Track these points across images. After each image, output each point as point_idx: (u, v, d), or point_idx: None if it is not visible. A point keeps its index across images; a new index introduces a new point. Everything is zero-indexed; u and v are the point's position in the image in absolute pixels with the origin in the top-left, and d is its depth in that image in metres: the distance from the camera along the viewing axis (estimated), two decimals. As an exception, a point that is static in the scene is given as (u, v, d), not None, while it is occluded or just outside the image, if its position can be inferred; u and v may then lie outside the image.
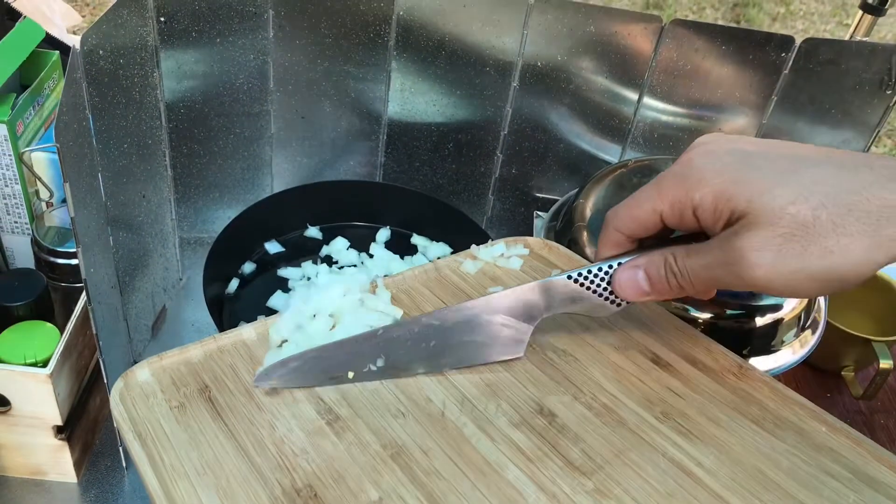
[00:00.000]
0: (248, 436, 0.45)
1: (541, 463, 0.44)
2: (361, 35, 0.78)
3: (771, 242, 0.40)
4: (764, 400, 0.49)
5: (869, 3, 0.80)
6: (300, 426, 0.46)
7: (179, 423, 0.45)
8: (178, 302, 0.83)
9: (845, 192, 0.39)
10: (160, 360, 0.49)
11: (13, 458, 0.64)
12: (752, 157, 0.42)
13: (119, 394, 0.47)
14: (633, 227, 0.47)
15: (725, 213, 0.42)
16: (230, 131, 0.81)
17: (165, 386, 0.48)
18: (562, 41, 0.77)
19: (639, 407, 0.48)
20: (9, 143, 0.67)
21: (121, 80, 0.63)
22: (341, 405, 0.47)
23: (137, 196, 0.71)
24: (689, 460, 0.45)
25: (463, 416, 0.47)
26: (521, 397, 0.48)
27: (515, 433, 0.46)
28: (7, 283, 0.64)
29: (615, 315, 0.50)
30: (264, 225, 0.80)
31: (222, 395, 0.47)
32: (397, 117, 0.84)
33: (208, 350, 0.51)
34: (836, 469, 0.44)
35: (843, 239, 0.39)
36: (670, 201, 0.44)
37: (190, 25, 0.71)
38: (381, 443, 0.45)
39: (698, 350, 0.53)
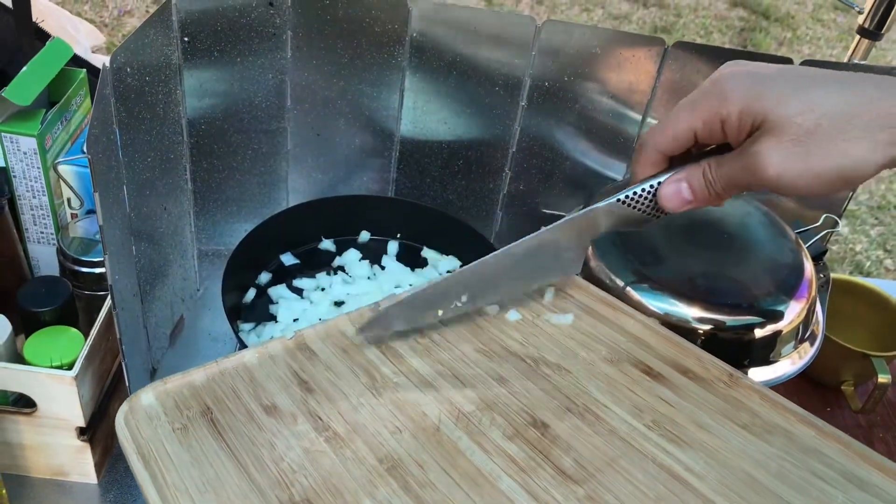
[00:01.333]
0: (249, 454, 0.46)
1: (533, 472, 0.46)
2: (376, 55, 0.81)
3: (781, 146, 0.47)
4: (754, 406, 0.50)
5: (866, 28, 0.82)
6: (299, 444, 0.47)
7: (182, 444, 0.47)
8: (195, 312, 0.85)
9: (845, 104, 0.46)
10: (164, 385, 0.51)
11: (37, 459, 0.67)
12: (769, 77, 0.48)
13: (124, 417, 0.48)
14: (671, 144, 0.52)
15: (747, 124, 0.48)
16: (248, 147, 0.84)
17: (169, 409, 0.49)
18: (568, 62, 0.80)
19: (629, 416, 0.50)
20: (38, 157, 0.70)
21: (146, 97, 0.66)
22: (339, 422, 0.49)
23: (159, 208, 0.73)
24: (679, 466, 0.46)
25: (458, 430, 0.48)
26: (514, 410, 0.50)
27: (509, 445, 0.47)
28: (34, 289, 0.67)
29: (608, 329, 0.55)
30: (280, 237, 0.82)
31: (224, 417, 0.49)
32: (409, 135, 0.87)
33: (210, 373, 0.52)
34: (825, 471, 0.46)
35: (842, 143, 0.46)
36: (703, 118, 0.50)
37: (212, 45, 0.74)
38: (377, 457, 0.46)
39: (689, 360, 0.54)
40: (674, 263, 0.66)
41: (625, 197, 0.54)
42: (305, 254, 0.84)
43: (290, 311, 0.75)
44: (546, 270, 0.58)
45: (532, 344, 0.56)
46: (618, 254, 0.66)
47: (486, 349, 0.56)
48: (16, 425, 0.64)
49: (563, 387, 0.52)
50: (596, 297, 0.61)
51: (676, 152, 0.53)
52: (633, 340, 0.56)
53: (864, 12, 0.82)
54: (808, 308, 0.66)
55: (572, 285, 0.62)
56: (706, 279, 0.65)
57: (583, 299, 0.61)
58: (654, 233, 0.68)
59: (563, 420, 0.49)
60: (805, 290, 0.66)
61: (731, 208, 0.72)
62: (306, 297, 0.78)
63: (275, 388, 0.51)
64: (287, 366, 0.53)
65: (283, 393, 0.51)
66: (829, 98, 0.46)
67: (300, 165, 0.89)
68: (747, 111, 0.48)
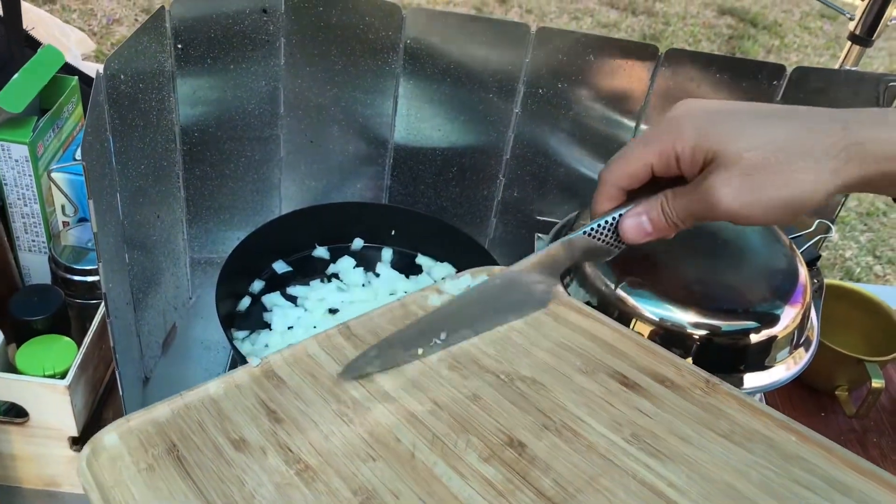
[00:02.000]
0: (218, 493, 0.44)
1: (512, 496, 0.44)
2: (370, 62, 0.81)
3: (733, 179, 0.50)
4: (733, 413, 0.49)
5: (857, 35, 0.83)
6: (270, 479, 0.45)
7: (148, 486, 0.45)
8: (187, 320, 0.85)
9: (792, 138, 0.49)
10: (127, 423, 0.48)
11: (28, 470, 0.66)
12: (721, 114, 0.52)
13: (86, 462, 0.46)
14: (628, 180, 0.55)
15: (699, 159, 0.51)
16: (241, 155, 0.84)
17: (133, 448, 0.47)
18: (562, 69, 0.80)
19: (608, 430, 0.49)
20: (30, 164, 0.69)
21: (139, 104, 0.66)
22: (310, 454, 0.47)
23: (152, 216, 0.73)
24: (661, 481, 0.45)
25: (433, 455, 0.47)
26: (490, 430, 0.49)
27: (486, 468, 0.46)
28: (26, 298, 0.67)
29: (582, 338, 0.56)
30: (273, 245, 0.82)
31: (191, 454, 0.47)
32: (403, 142, 0.87)
33: (175, 407, 0.50)
34: (808, 478, 0.45)
35: (790, 175, 0.49)
36: (658, 153, 0.53)
37: (205, 52, 0.74)
38: (350, 489, 0.45)
39: (665, 368, 0.53)
40: (669, 269, 0.66)
41: (590, 230, 0.57)
42: (299, 261, 0.84)
43: (285, 318, 0.75)
44: (520, 304, 0.59)
45: (505, 359, 0.55)
46: (613, 260, 0.66)
47: (458, 365, 0.54)
48: (7, 435, 0.63)
49: (538, 402, 0.51)
50: (567, 305, 0.60)
51: (633, 187, 0.55)
52: (607, 349, 0.55)
53: (854, 19, 0.82)
54: (802, 313, 0.66)
55: None
56: (701, 285, 0.65)
57: (553, 308, 0.60)
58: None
59: (540, 438, 0.48)
60: (800, 295, 0.66)
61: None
62: (300, 304, 0.78)
63: (243, 421, 0.49)
64: (254, 395, 0.51)
65: (251, 425, 0.49)
66: (776, 133, 0.50)
67: (293, 173, 0.89)
68: (699, 147, 0.51)
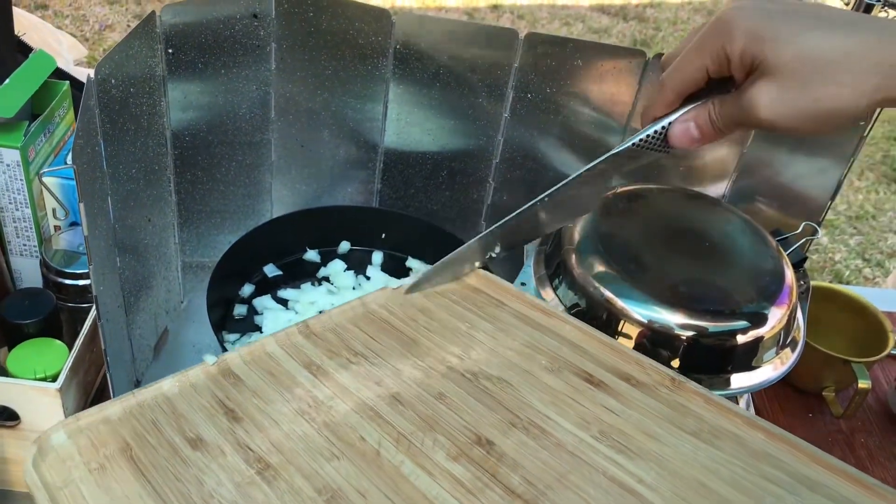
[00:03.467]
0: (174, 493, 0.43)
1: (482, 494, 0.44)
2: (360, 67, 0.81)
3: (772, 88, 0.50)
4: (700, 411, 0.50)
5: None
6: (229, 478, 0.44)
7: (100, 486, 0.43)
8: (179, 324, 0.85)
9: (840, 51, 0.49)
10: (77, 421, 0.47)
11: (19, 473, 0.66)
12: (774, 15, 0.51)
13: (32, 461, 0.44)
14: (686, 85, 0.55)
15: (748, 62, 0.51)
16: (232, 159, 0.84)
17: (83, 448, 0.45)
18: (551, 74, 0.81)
19: (575, 428, 0.48)
20: (21, 169, 0.70)
21: (130, 108, 0.66)
22: (271, 453, 0.46)
23: (143, 220, 0.73)
24: (630, 478, 0.45)
25: (399, 453, 0.46)
26: (457, 428, 0.48)
27: (454, 466, 0.45)
28: (18, 302, 0.67)
29: (546, 337, 0.57)
30: (264, 248, 0.82)
31: (145, 453, 0.45)
32: (393, 146, 0.87)
33: (128, 406, 0.49)
34: (777, 474, 0.45)
35: (832, 87, 0.49)
36: (711, 56, 0.53)
37: (196, 57, 0.75)
38: (314, 488, 0.44)
39: (630, 366, 0.54)
40: (656, 271, 0.66)
41: (639, 141, 0.58)
42: (290, 265, 0.84)
43: (276, 321, 0.76)
44: (568, 214, 0.65)
45: (470, 357, 0.54)
46: (601, 262, 0.66)
47: (423, 365, 0.54)
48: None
49: (504, 400, 0.50)
50: (531, 304, 0.60)
51: (690, 90, 0.56)
52: (571, 348, 0.55)
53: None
54: (788, 314, 0.67)
55: (505, 293, 0.62)
56: (689, 286, 0.66)
57: (518, 307, 0.60)
58: (637, 240, 0.69)
59: (507, 436, 0.48)
60: (786, 296, 0.67)
61: (712, 217, 0.73)
62: (291, 307, 0.78)
63: (199, 419, 0.48)
64: (211, 394, 0.50)
65: (208, 424, 0.48)
66: (825, 42, 0.49)
67: (284, 177, 0.89)
68: (748, 51, 0.50)
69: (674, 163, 0.86)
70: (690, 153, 0.86)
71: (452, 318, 0.59)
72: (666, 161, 0.86)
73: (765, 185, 0.87)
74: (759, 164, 0.85)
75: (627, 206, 0.72)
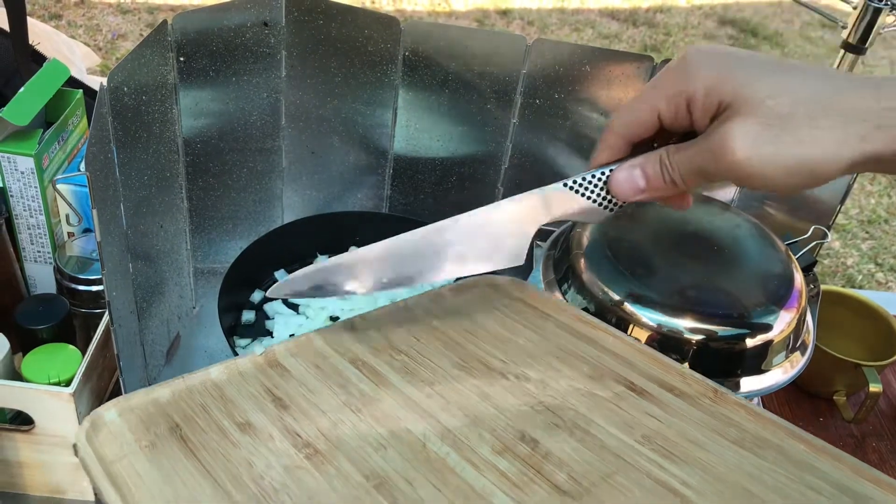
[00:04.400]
0: (225, 472, 0.44)
1: (527, 488, 0.44)
2: (369, 74, 0.82)
3: (750, 129, 0.44)
4: (742, 422, 0.50)
5: (850, 43, 0.84)
6: (278, 461, 0.45)
7: (151, 462, 0.44)
8: (191, 329, 0.86)
9: (821, 93, 0.44)
10: (127, 401, 0.48)
11: (34, 477, 0.67)
12: (741, 58, 0.46)
13: (86, 435, 0.45)
14: (632, 128, 0.49)
15: (714, 104, 0.45)
16: (244, 166, 0.85)
17: (133, 426, 0.46)
18: (559, 80, 0.81)
19: (619, 431, 0.48)
20: (35, 176, 0.70)
21: (143, 116, 0.67)
22: (319, 440, 0.46)
23: (155, 226, 0.74)
24: (675, 480, 0.45)
25: (445, 446, 0.46)
26: (501, 426, 0.48)
27: (499, 460, 0.46)
28: (32, 307, 0.68)
29: (588, 346, 0.54)
30: (275, 254, 0.83)
31: (195, 434, 0.46)
32: (403, 152, 0.88)
33: (176, 390, 0.49)
34: (820, 484, 0.45)
35: (814, 131, 0.43)
36: (667, 96, 0.47)
37: (207, 65, 0.76)
38: (362, 474, 0.44)
39: (672, 376, 0.54)
40: (665, 276, 0.67)
41: (572, 182, 0.52)
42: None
43: (287, 326, 0.76)
44: (486, 257, 0.54)
45: (511, 360, 0.55)
46: (610, 266, 0.67)
47: (466, 365, 0.54)
48: (13, 443, 0.64)
49: (548, 403, 0.51)
50: (575, 315, 0.60)
51: (639, 137, 0.50)
52: (614, 357, 0.56)
53: (847, 27, 0.83)
54: (798, 318, 0.67)
55: (548, 304, 0.62)
56: (697, 291, 0.66)
57: (562, 318, 0.60)
58: (646, 245, 0.69)
59: (552, 436, 0.48)
60: (795, 300, 0.67)
61: (721, 221, 0.73)
62: (302, 312, 0.79)
63: (247, 405, 0.49)
64: (259, 382, 0.51)
65: (256, 410, 0.48)
66: (802, 83, 0.44)
67: (295, 183, 0.90)
68: (715, 90, 0.45)
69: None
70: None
71: (494, 323, 0.59)
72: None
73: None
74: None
75: (636, 211, 0.73)
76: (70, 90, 0.78)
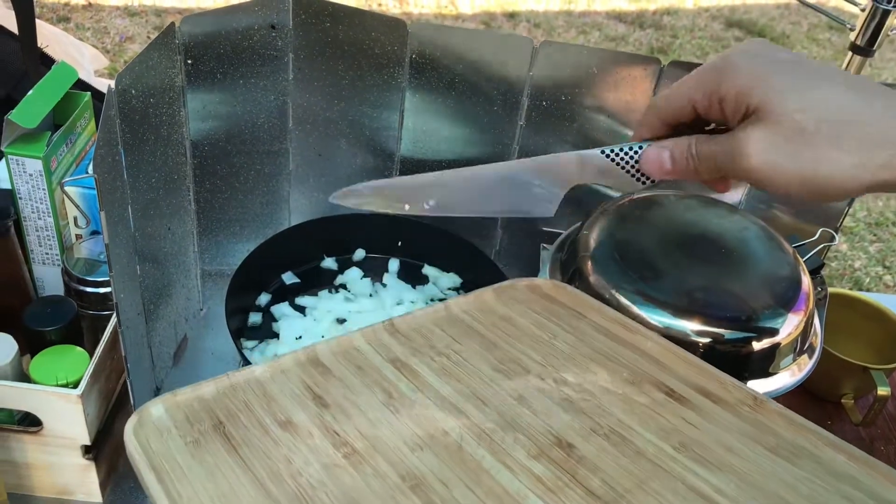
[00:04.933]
0: (265, 469, 0.45)
1: (562, 493, 0.44)
2: (376, 77, 0.82)
3: (769, 139, 0.45)
4: (779, 430, 0.49)
5: (858, 46, 0.84)
6: (317, 459, 0.46)
7: (195, 457, 0.45)
8: (198, 331, 0.86)
9: (851, 113, 0.44)
10: (174, 397, 0.49)
11: (42, 479, 0.67)
12: (781, 63, 0.46)
13: (133, 429, 0.47)
14: (669, 111, 0.51)
15: (743, 106, 0.46)
16: (251, 168, 0.85)
17: (179, 422, 0.48)
18: (565, 82, 0.81)
19: (656, 438, 0.48)
20: (43, 179, 0.71)
21: (150, 118, 0.67)
22: (357, 439, 0.47)
23: (163, 228, 0.74)
24: (710, 488, 0.45)
25: (480, 448, 0.47)
26: (537, 430, 0.49)
27: (534, 464, 0.46)
28: (40, 309, 0.68)
29: (626, 350, 0.54)
30: (282, 256, 0.83)
31: (237, 431, 0.47)
32: (410, 154, 0.88)
33: (221, 387, 0.51)
34: (856, 494, 0.44)
35: (835, 152, 0.44)
36: (703, 90, 0.49)
37: (215, 67, 0.76)
38: (398, 474, 0.45)
39: (711, 383, 0.53)
40: (672, 278, 0.67)
41: (609, 150, 0.55)
42: (308, 272, 0.85)
43: (293, 328, 0.76)
44: (517, 202, 0.58)
45: (549, 364, 0.55)
46: (617, 268, 0.66)
47: (504, 367, 0.55)
48: (21, 444, 0.64)
49: (585, 408, 0.51)
50: (612, 318, 0.60)
51: (674, 120, 0.52)
52: (652, 362, 0.55)
53: (855, 29, 0.83)
54: (805, 321, 0.67)
55: (586, 305, 0.62)
56: (704, 293, 0.66)
57: (598, 320, 0.60)
58: (653, 247, 0.69)
59: (588, 441, 0.48)
60: (802, 303, 0.67)
61: (729, 223, 0.73)
62: (309, 314, 0.79)
63: (289, 403, 0.50)
64: (300, 380, 0.52)
65: (297, 408, 0.50)
66: (833, 99, 0.44)
67: (302, 185, 0.90)
68: (745, 94, 0.46)
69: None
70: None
71: (533, 326, 0.59)
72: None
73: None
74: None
75: (643, 213, 0.72)
76: (78, 93, 0.78)
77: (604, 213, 0.74)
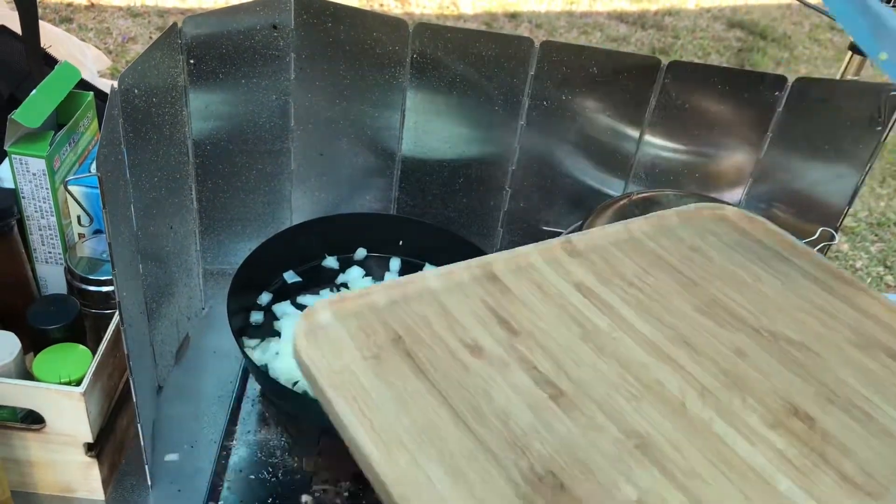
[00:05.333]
0: (463, 403, 0.38)
1: (812, 475, 0.37)
2: (377, 77, 0.83)
3: None
4: None
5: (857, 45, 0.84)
6: (522, 400, 0.39)
7: (379, 377, 0.39)
8: (200, 330, 0.86)
9: None
10: (342, 302, 0.43)
11: (44, 476, 0.67)
12: None
13: (304, 337, 0.41)
14: None
15: None
16: (253, 167, 0.85)
17: (354, 332, 0.41)
18: (566, 82, 0.81)
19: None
20: (47, 178, 0.71)
21: (153, 118, 0.68)
22: (560, 377, 0.41)
23: (165, 228, 0.75)
24: None
25: (707, 408, 0.40)
26: (766, 393, 0.41)
27: (772, 435, 0.39)
28: (43, 308, 0.68)
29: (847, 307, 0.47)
30: (284, 255, 0.84)
31: (420, 349, 0.41)
32: (411, 154, 0.88)
33: (392, 295, 0.44)
34: None
35: None
36: None
37: (217, 67, 0.76)
38: (621, 430, 0.38)
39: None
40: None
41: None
42: (309, 271, 0.85)
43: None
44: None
45: (761, 312, 0.47)
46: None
47: (707, 310, 0.47)
48: (24, 442, 0.65)
49: (814, 371, 0.43)
50: (822, 266, 0.52)
51: None
52: (877, 323, 0.47)
53: (855, 30, 0.83)
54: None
55: (785, 245, 0.54)
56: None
57: (807, 267, 0.51)
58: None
59: (827, 413, 0.40)
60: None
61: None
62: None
63: (471, 324, 0.43)
64: (480, 298, 0.45)
65: (483, 331, 0.43)
66: None
67: (303, 185, 0.90)
68: None
69: (690, 169, 0.86)
70: (707, 158, 0.86)
71: (732, 265, 0.52)
72: (682, 167, 0.87)
73: (781, 191, 0.87)
74: (776, 170, 0.85)
75: (643, 213, 0.73)
76: (81, 92, 0.78)
77: (603, 212, 0.75)
